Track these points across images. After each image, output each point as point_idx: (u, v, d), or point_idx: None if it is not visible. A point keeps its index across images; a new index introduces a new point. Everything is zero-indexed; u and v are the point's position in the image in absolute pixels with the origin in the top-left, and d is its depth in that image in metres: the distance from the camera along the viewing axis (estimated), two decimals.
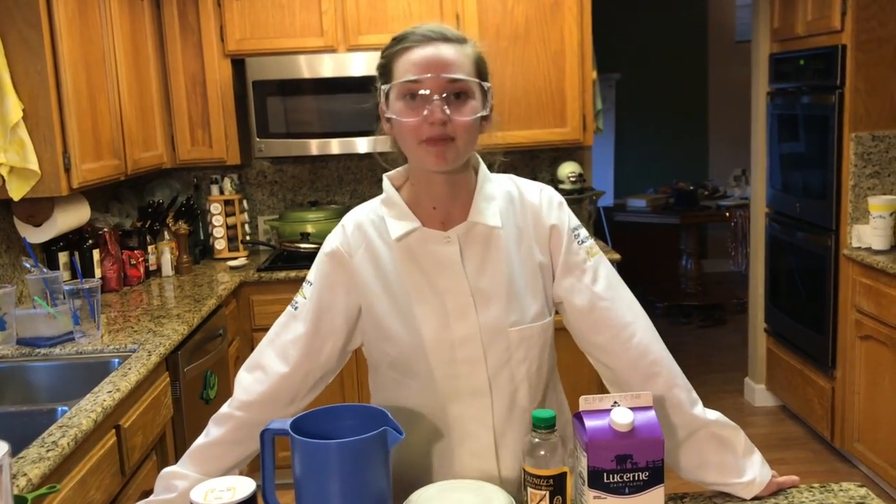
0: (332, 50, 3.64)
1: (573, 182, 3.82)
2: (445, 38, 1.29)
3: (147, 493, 1.40)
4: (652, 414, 1.15)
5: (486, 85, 1.30)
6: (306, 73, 3.62)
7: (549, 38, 3.67)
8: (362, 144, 3.66)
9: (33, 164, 2.55)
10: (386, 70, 1.32)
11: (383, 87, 1.30)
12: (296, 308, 1.40)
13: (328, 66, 3.61)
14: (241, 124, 3.77)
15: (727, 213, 6.05)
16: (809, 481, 1.42)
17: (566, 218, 1.40)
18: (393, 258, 1.36)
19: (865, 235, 3.46)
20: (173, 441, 2.57)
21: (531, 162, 4.13)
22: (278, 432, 1.16)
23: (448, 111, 1.25)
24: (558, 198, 1.42)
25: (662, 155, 7.21)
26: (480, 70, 1.32)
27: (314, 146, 3.68)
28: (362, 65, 3.59)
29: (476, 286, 1.33)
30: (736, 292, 6.25)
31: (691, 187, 6.18)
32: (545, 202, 1.39)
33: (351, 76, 3.60)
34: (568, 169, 3.87)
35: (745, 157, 4.61)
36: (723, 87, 7.11)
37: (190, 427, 2.68)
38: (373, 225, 1.38)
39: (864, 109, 3.45)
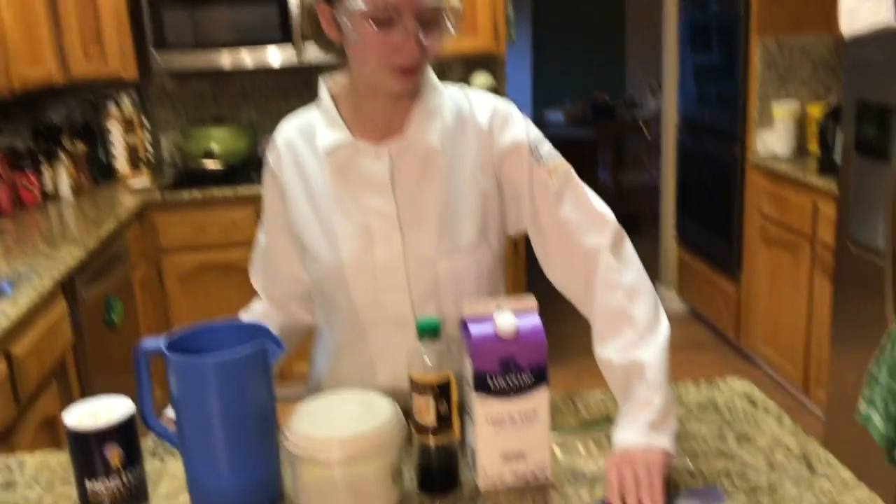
0: None
1: None
2: None
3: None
4: (535, 318, 1.15)
5: (459, 7, 1.18)
6: None
7: None
8: (273, 55, 3.51)
9: None
10: None
11: (347, 2, 1.12)
12: (262, 220, 1.42)
13: None
14: (137, 37, 3.57)
15: (642, 124, 6.10)
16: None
17: (523, 136, 1.26)
18: (321, 171, 1.28)
19: (770, 142, 3.52)
20: (75, 366, 2.49)
21: (441, 73, 4.05)
22: (152, 352, 1.11)
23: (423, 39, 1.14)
24: (516, 114, 1.29)
25: (581, 66, 7.18)
26: None
27: (216, 58, 3.52)
28: None
29: (405, 209, 1.24)
30: (652, 204, 6.35)
31: (607, 98, 6.18)
32: (497, 123, 1.27)
33: None
34: (480, 79, 3.81)
35: (661, 68, 4.61)
36: None
37: (93, 352, 2.60)
38: (302, 135, 1.30)
39: (770, 16, 3.47)
